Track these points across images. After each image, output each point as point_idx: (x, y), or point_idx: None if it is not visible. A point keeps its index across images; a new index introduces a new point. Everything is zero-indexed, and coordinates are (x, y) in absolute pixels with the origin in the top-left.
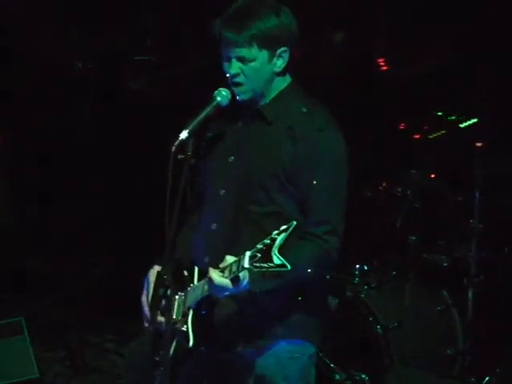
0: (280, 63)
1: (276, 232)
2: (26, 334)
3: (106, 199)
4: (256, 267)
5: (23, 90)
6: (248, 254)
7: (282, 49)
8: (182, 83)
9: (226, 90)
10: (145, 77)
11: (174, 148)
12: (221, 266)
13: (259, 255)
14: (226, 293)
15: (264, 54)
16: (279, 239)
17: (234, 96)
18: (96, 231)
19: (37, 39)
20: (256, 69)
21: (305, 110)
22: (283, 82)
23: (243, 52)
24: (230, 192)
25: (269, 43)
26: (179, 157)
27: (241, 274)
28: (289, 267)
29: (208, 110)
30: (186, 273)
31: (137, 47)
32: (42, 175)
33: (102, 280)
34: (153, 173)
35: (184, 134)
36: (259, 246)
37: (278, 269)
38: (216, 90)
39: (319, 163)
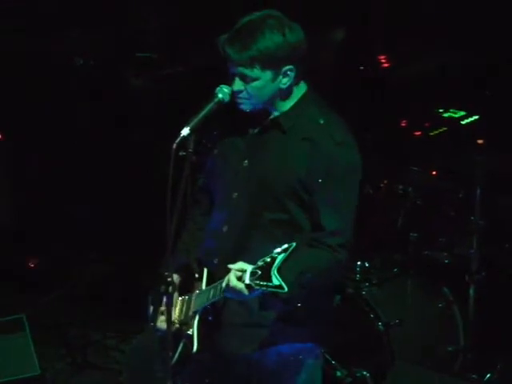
0: (285, 81)
1: (277, 251)
2: (28, 330)
3: (107, 197)
4: (256, 284)
5: (24, 87)
6: (249, 269)
7: (288, 67)
8: (183, 80)
9: (228, 86)
10: (146, 74)
11: (175, 145)
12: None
13: (259, 272)
14: (237, 297)
15: (267, 74)
16: (279, 259)
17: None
18: (96, 229)
19: (37, 36)
20: (259, 88)
21: (322, 122)
22: (298, 91)
23: (245, 71)
24: (243, 196)
25: (272, 63)
26: (180, 154)
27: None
28: (286, 289)
29: (209, 106)
30: (196, 274)
31: (138, 44)
32: (42, 173)
33: (103, 277)
34: (154, 170)
35: (185, 131)
36: (260, 263)
37: (275, 289)
38: (217, 86)
39: (337, 176)
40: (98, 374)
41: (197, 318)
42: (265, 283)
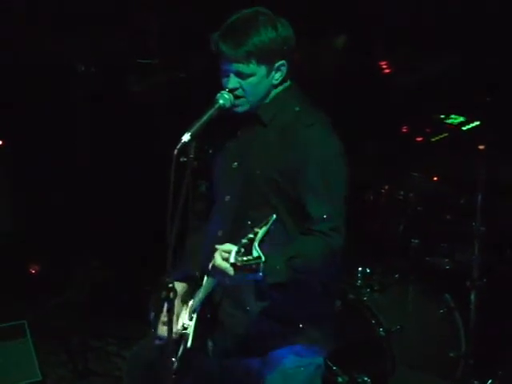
0: (278, 76)
1: (259, 225)
2: (29, 336)
3: (108, 203)
4: (240, 261)
5: (25, 92)
6: (235, 249)
7: (281, 62)
8: (184, 86)
9: (228, 92)
10: (147, 80)
11: (176, 151)
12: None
13: (243, 250)
14: (228, 281)
15: (262, 69)
16: (260, 233)
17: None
18: (98, 235)
19: (39, 42)
20: (255, 83)
21: (297, 109)
22: (281, 86)
23: (241, 67)
24: (234, 198)
25: (267, 58)
26: (181, 160)
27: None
28: (263, 258)
29: (210, 112)
30: (199, 281)
31: (139, 50)
32: (43, 177)
33: (104, 283)
34: (155, 176)
35: (186, 137)
36: (244, 241)
37: (254, 261)
38: (218, 92)
39: (310, 159)
40: (99, 381)
41: (195, 315)
42: (246, 258)
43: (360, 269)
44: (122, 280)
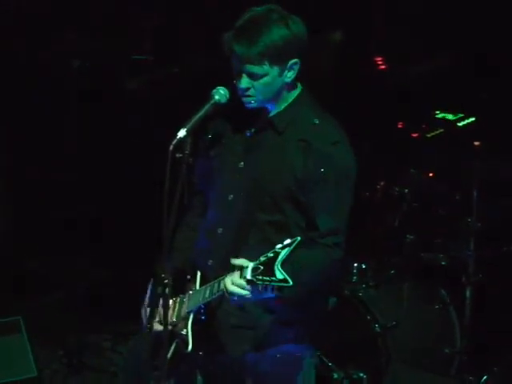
0: (291, 74)
1: (280, 246)
2: (25, 332)
3: (105, 200)
4: (258, 280)
5: (20, 88)
6: (251, 265)
7: (293, 61)
8: (179, 82)
9: (224, 88)
10: (142, 76)
11: (171, 147)
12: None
13: (261, 268)
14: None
15: (275, 69)
16: (282, 253)
17: (240, 100)
18: (94, 232)
19: (34, 38)
20: (267, 83)
21: (317, 122)
22: (294, 91)
23: (254, 69)
24: (239, 197)
25: (280, 58)
26: (177, 155)
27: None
28: (290, 282)
29: (206, 108)
30: (188, 276)
31: (134, 46)
32: (41, 175)
33: (101, 280)
34: (151, 172)
35: (182, 133)
36: (262, 259)
37: (280, 283)
38: (214, 88)
39: (333, 176)
40: (94, 376)
41: (191, 317)
42: (268, 278)
43: (355, 265)
44: (117, 276)
